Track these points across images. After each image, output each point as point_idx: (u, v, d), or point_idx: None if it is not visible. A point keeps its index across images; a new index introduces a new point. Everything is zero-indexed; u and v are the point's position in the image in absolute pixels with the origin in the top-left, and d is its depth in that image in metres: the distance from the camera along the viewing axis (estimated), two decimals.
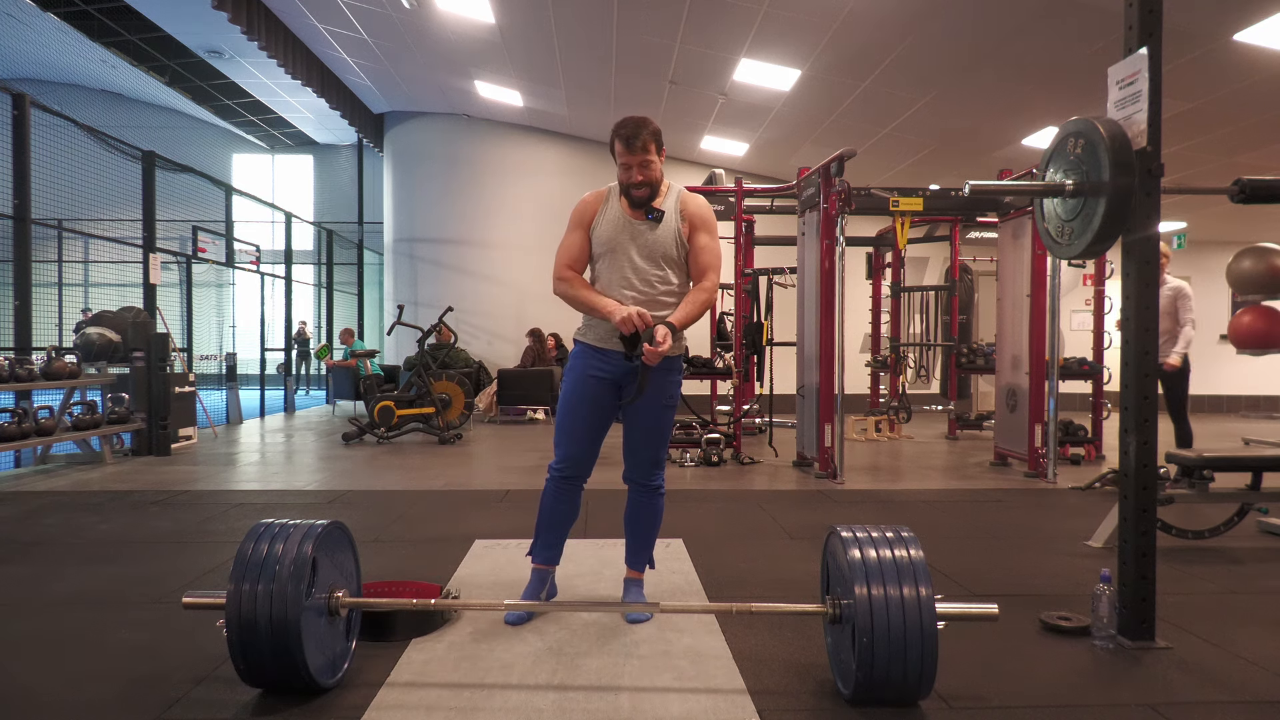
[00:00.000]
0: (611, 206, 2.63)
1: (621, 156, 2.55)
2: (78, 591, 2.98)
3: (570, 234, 2.66)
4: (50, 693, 2.12)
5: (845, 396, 5.67)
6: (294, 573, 1.97)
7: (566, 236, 2.66)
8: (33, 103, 6.07)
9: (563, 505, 2.67)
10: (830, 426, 5.66)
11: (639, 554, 2.78)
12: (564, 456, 2.63)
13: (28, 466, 6.10)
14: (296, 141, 16.22)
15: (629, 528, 2.77)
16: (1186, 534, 3.73)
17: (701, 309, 2.60)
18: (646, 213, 2.58)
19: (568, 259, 2.63)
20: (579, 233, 2.65)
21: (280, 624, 1.93)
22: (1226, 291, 11.83)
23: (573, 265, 2.64)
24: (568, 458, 2.63)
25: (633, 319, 2.42)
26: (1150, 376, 2.45)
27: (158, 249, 7.50)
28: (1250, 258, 4.19)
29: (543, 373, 9.91)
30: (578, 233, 2.65)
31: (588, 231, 2.64)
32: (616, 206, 2.62)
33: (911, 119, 8.37)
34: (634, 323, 2.42)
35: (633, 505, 2.75)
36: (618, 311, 2.45)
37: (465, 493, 5.08)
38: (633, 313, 2.43)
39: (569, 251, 2.63)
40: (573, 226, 2.66)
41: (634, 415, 2.64)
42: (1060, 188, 2.58)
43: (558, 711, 2.00)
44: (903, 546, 2.03)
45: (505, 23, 8.01)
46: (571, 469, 2.64)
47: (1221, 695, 2.12)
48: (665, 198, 2.63)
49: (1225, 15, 5.34)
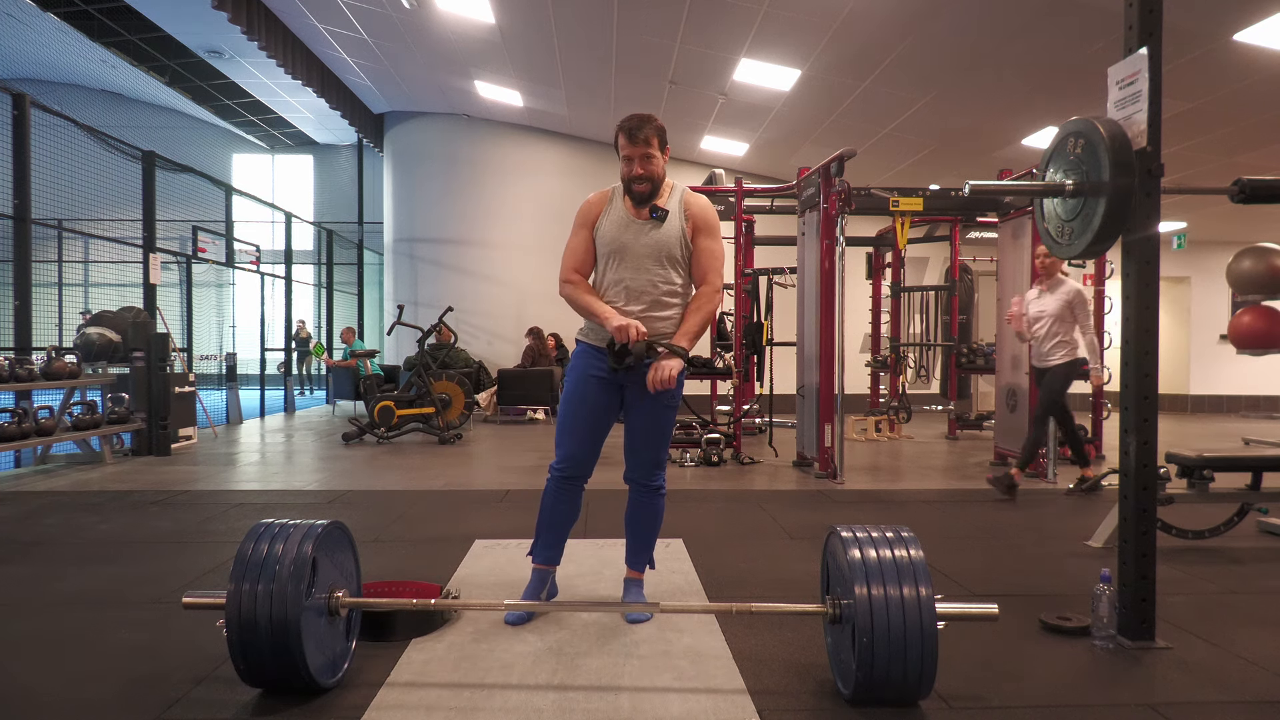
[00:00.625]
0: (615, 206, 2.62)
1: (624, 149, 2.54)
2: (78, 591, 2.98)
3: (575, 235, 2.65)
4: (50, 693, 2.12)
5: (845, 396, 5.67)
6: (294, 573, 1.97)
7: (571, 238, 2.65)
8: (33, 103, 6.07)
9: (563, 505, 2.66)
10: (830, 426, 5.66)
11: (639, 554, 2.78)
12: (565, 456, 2.63)
13: (28, 466, 6.10)
14: (296, 141, 16.22)
15: (630, 528, 2.77)
16: (1186, 534, 3.73)
17: (707, 319, 2.59)
18: (650, 211, 2.57)
19: (574, 262, 2.63)
20: (583, 233, 2.63)
21: (280, 624, 1.93)
22: (1226, 291, 11.83)
23: (579, 268, 2.63)
24: (569, 457, 2.62)
25: (628, 330, 2.41)
26: (1150, 376, 2.45)
27: (158, 249, 7.49)
28: (1250, 258, 4.19)
29: (543, 373, 9.91)
30: (582, 233, 2.64)
31: (592, 231, 2.63)
32: (620, 206, 2.61)
33: (911, 119, 8.37)
34: (628, 334, 2.41)
35: (634, 505, 2.75)
36: (613, 318, 2.46)
37: (465, 493, 5.08)
38: (629, 325, 2.42)
39: (575, 254, 2.63)
40: (577, 227, 2.65)
41: (635, 415, 2.64)
42: (1060, 188, 2.58)
43: (558, 711, 2.00)
44: (903, 546, 2.03)
45: (505, 23, 8.01)
46: (572, 469, 2.63)
47: (1221, 695, 2.12)
48: (669, 197, 2.61)
49: (1225, 15, 5.34)
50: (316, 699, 2.05)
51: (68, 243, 11.60)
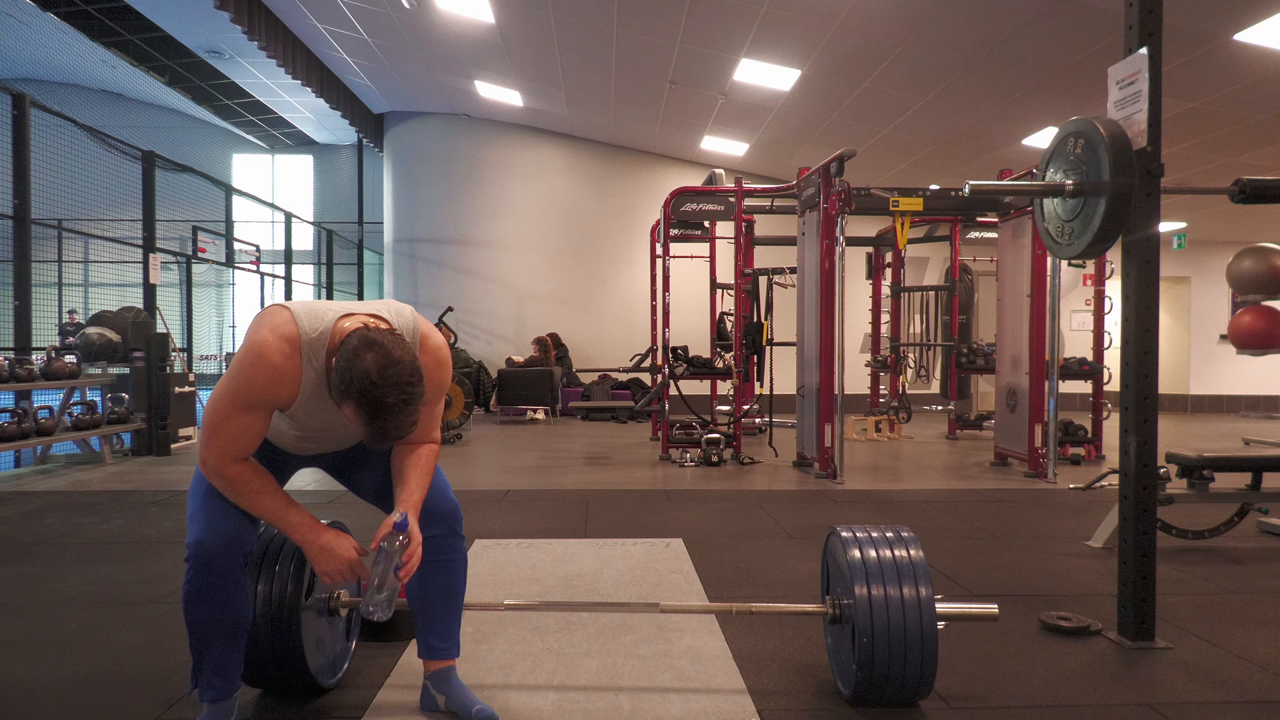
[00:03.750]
0: (310, 390, 1.71)
1: (368, 423, 1.61)
2: (78, 591, 2.98)
3: (240, 414, 1.68)
4: (50, 693, 2.11)
5: (845, 396, 5.67)
6: (294, 573, 1.96)
7: (236, 417, 1.68)
8: (33, 103, 6.07)
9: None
10: (830, 426, 5.66)
11: None
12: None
13: (28, 466, 6.10)
14: (296, 141, 16.21)
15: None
16: (1186, 534, 3.73)
17: (431, 475, 1.88)
18: None
19: (238, 451, 1.71)
20: (258, 416, 1.70)
21: (281, 624, 1.92)
22: (1226, 291, 11.84)
23: (247, 454, 1.73)
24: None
25: (345, 573, 1.76)
26: (1150, 376, 2.45)
27: (158, 249, 7.50)
28: (1250, 258, 4.19)
29: (543, 373, 9.91)
30: (255, 416, 1.70)
31: (270, 411, 1.73)
32: (318, 392, 1.72)
33: (911, 119, 8.37)
34: (350, 576, 1.77)
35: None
36: (322, 560, 1.73)
37: (465, 493, 5.08)
38: (347, 566, 1.75)
39: (239, 441, 1.70)
40: (246, 403, 1.68)
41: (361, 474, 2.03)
42: (1060, 188, 2.58)
43: (558, 712, 2.00)
44: (902, 546, 2.03)
45: (505, 23, 8.01)
46: None
47: (1221, 695, 2.12)
48: None
49: (1225, 15, 5.34)
50: (317, 699, 2.05)
51: (68, 243, 11.59)
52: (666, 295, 6.86)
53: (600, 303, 11.89)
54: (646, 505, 4.68)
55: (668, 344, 6.83)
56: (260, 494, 1.73)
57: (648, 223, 11.03)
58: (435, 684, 1.96)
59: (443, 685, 1.95)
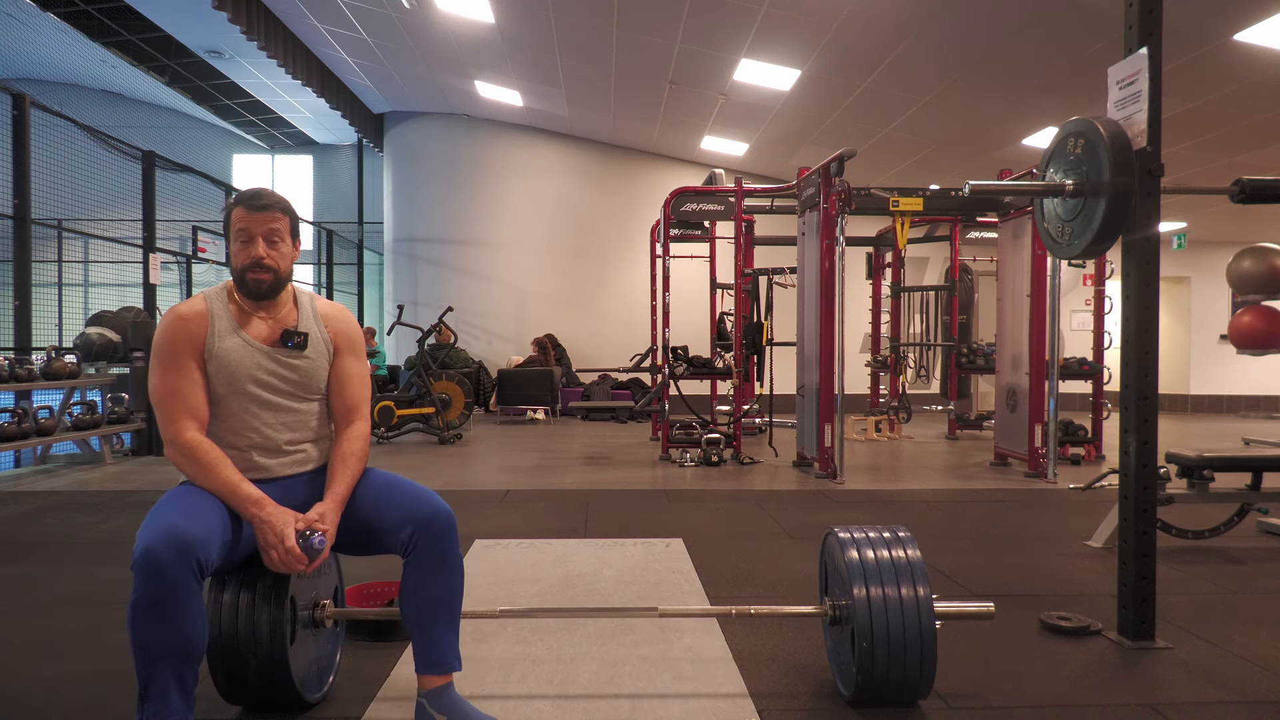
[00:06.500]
0: (223, 327, 1.87)
1: (239, 221, 1.85)
2: (78, 591, 2.98)
3: (171, 374, 1.81)
4: (50, 693, 2.11)
5: (845, 396, 5.67)
6: (276, 581, 1.85)
7: (169, 378, 1.81)
8: (33, 103, 6.07)
9: None
10: (830, 426, 5.66)
11: None
12: None
13: (28, 466, 6.10)
14: (296, 141, 16.21)
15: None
16: (1186, 534, 3.73)
17: (361, 468, 1.98)
18: (285, 340, 1.92)
19: (187, 411, 1.81)
20: (188, 367, 1.82)
21: (262, 635, 1.81)
22: (1226, 291, 11.84)
23: (198, 417, 1.83)
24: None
25: (279, 548, 1.75)
26: (1150, 376, 2.45)
27: (158, 249, 7.50)
28: (1250, 258, 4.19)
29: (543, 373, 9.91)
30: (185, 368, 1.82)
31: (199, 362, 1.84)
32: (231, 329, 1.88)
33: (911, 119, 8.37)
34: (283, 554, 1.76)
35: None
36: (260, 533, 1.76)
37: (465, 492, 5.08)
38: (280, 542, 1.76)
39: (183, 400, 1.81)
40: (172, 362, 1.82)
41: None
42: (1060, 188, 2.58)
43: (558, 713, 2.00)
44: (900, 547, 2.03)
45: (505, 23, 8.01)
46: None
47: (1221, 695, 2.12)
48: (298, 310, 1.98)
49: (1225, 15, 5.34)
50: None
51: (68, 243, 11.60)
52: (666, 295, 6.86)
53: (600, 302, 11.88)
54: (646, 505, 4.68)
55: (668, 344, 6.83)
56: (217, 466, 1.80)
57: (648, 223, 11.03)
58: (432, 702, 1.83)
59: (440, 704, 1.82)
